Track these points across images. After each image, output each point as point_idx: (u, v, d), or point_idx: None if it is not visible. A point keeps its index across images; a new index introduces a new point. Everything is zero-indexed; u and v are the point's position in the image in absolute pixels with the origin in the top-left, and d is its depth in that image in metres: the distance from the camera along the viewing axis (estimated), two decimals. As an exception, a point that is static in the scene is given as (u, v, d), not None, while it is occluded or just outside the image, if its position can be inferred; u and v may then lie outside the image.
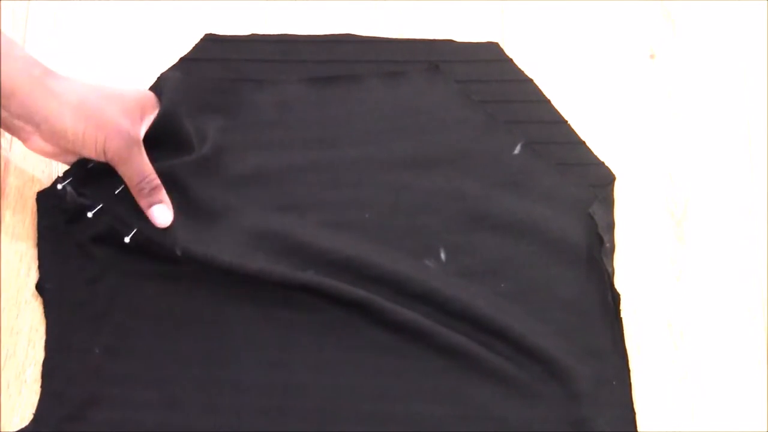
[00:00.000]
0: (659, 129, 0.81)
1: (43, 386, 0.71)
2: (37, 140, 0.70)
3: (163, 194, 0.72)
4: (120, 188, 0.72)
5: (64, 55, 0.81)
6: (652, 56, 0.83)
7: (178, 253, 0.72)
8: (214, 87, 0.80)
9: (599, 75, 0.82)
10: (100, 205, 0.73)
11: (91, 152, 0.70)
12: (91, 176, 0.73)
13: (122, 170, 0.71)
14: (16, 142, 0.77)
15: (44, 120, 0.68)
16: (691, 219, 0.78)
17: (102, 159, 0.71)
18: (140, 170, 0.71)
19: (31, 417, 0.71)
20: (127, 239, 0.72)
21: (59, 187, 0.73)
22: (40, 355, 0.73)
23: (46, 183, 0.76)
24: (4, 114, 0.69)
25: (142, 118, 0.72)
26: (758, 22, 0.84)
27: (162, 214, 0.72)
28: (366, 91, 0.80)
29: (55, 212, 0.74)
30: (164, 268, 0.73)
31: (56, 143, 0.70)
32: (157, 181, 0.72)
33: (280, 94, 0.80)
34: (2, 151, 0.78)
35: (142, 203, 0.72)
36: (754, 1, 0.84)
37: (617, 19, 0.84)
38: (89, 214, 0.73)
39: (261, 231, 0.74)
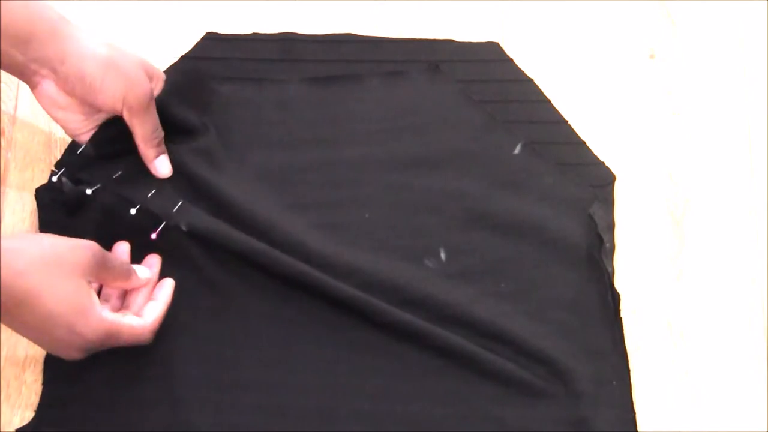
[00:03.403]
0: (659, 129, 0.81)
1: (43, 385, 0.72)
2: (50, 86, 0.70)
3: (164, 146, 0.74)
4: (118, 173, 0.73)
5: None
6: (652, 56, 0.83)
7: (184, 228, 0.73)
8: (214, 86, 0.80)
9: (599, 75, 0.82)
10: (99, 185, 0.73)
11: (107, 100, 0.70)
12: (86, 163, 0.73)
13: (138, 121, 0.72)
14: (16, 143, 0.77)
15: (61, 62, 0.68)
16: (691, 219, 0.78)
17: (117, 108, 0.71)
18: (154, 121, 0.73)
19: (31, 417, 0.71)
20: (133, 211, 0.72)
21: (54, 179, 0.73)
22: (40, 355, 0.73)
23: (46, 182, 0.76)
24: (20, 58, 0.68)
25: (151, 77, 0.73)
26: (758, 22, 0.84)
27: (165, 164, 0.74)
28: (366, 90, 0.80)
29: (55, 207, 0.74)
30: (164, 268, 0.73)
31: (71, 89, 0.70)
32: (163, 133, 0.74)
33: (280, 94, 0.80)
34: (2, 150, 0.78)
35: (150, 153, 0.73)
36: (754, 1, 0.84)
37: (617, 19, 0.84)
38: (88, 191, 0.73)
39: (259, 229, 0.74)
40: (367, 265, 0.73)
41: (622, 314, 0.74)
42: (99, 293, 0.70)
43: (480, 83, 0.80)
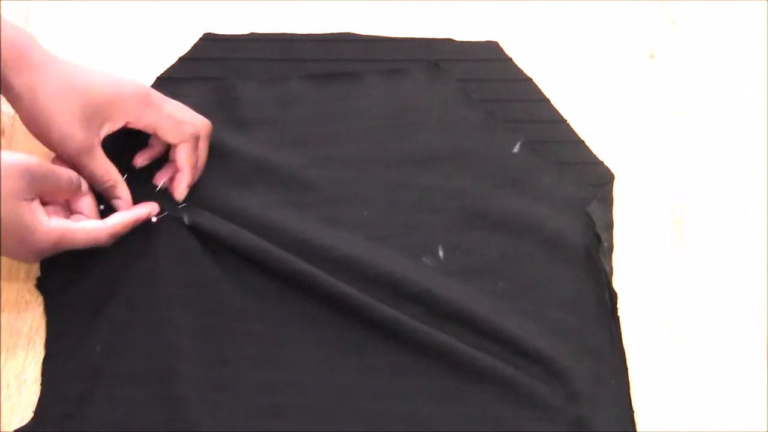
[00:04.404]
0: (659, 129, 0.81)
1: (43, 384, 0.72)
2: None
3: (119, 191, 0.73)
4: (124, 176, 0.74)
5: (64, 54, 0.81)
6: (652, 56, 0.83)
7: (186, 221, 0.73)
8: (213, 84, 0.80)
9: (599, 74, 0.82)
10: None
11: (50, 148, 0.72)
12: None
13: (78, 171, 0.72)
14: (16, 137, 0.77)
15: (19, 97, 0.70)
16: (691, 219, 0.78)
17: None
18: (91, 174, 0.72)
19: (31, 416, 0.71)
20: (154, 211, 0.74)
21: None
22: (40, 355, 0.73)
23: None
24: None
25: (103, 122, 0.71)
26: (758, 22, 0.84)
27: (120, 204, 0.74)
28: (366, 88, 0.80)
29: None
30: (163, 268, 0.73)
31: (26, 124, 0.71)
32: (113, 181, 0.73)
33: (280, 91, 0.80)
34: (3, 147, 0.78)
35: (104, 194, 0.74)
36: (754, 1, 0.84)
37: (617, 19, 0.84)
38: (101, 207, 0.74)
39: (259, 226, 0.74)
40: (365, 260, 0.73)
41: (622, 314, 0.74)
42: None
43: (479, 82, 0.80)
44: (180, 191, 0.74)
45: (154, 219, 0.74)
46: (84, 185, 0.72)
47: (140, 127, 0.73)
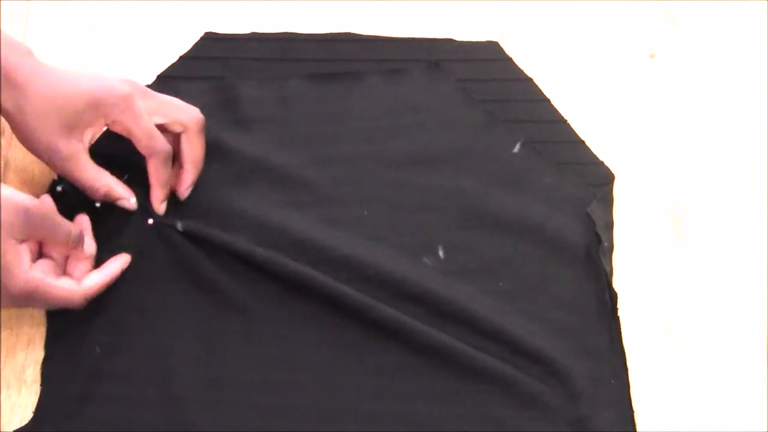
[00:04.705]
0: (659, 129, 0.81)
1: (42, 384, 0.72)
2: None
3: (117, 192, 0.73)
4: (125, 177, 0.74)
5: (64, 53, 0.81)
6: (652, 56, 0.83)
7: (180, 228, 0.73)
8: (214, 83, 0.80)
9: (599, 74, 0.82)
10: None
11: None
12: None
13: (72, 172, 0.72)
14: (16, 142, 0.77)
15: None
16: (691, 219, 0.78)
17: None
18: (80, 182, 0.72)
19: (30, 417, 0.71)
20: (133, 200, 0.73)
21: (59, 189, 0.74)
22: (40, 355, 0.73)
23: (47, 183, 0.76)
24: None
25: (85, 129, 0.71)
26: (758, 22, 0.84)
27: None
28: (366, 88, 0.80)
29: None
30: (161, 269, 0.73)
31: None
32: (105, 186, 0.72)
33: (280, 91, 0.80)
34: (2, 150, 0.78)
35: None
36: (754, 1, 0.84)
37: (617, 19, 0.84)
38: (97, 204, 0.73)
39: (259, 226, 0.74)
40: (365, 259, 0.73)
41: (622, 314, 0.74)
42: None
43: (479, 82, 0.80)
44: (157, 207, 0.74)
45: (150, 221, 0.73)
46: (89, 247, 0.72)
47: (117, 132, 0.72)
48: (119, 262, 0.73)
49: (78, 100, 0.70)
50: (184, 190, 0.75)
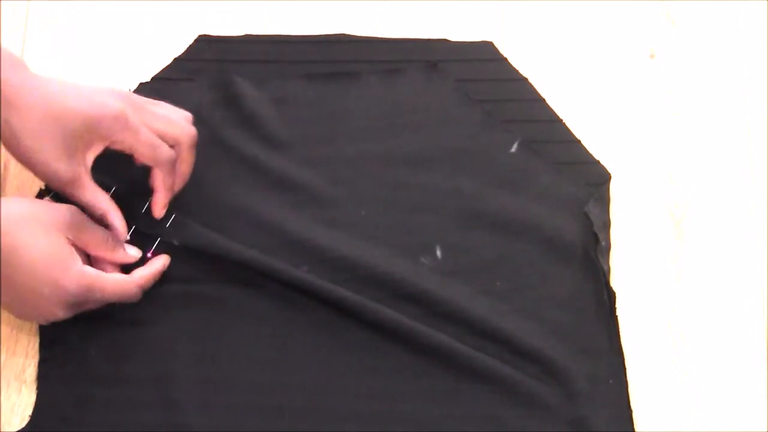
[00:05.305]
0: (659, 129, 0.81)
1: (38, 387, 0.72)
2: None
3: (111, 219, 0.72)
4: (113, 189, 0.73)
5: (63, 54, 0.81)
6: (652, 56, 0.83)
7: (176, 243, 0.73)
8: (211, 82, 0.80)
9: (599, 74, 0.82)
10: None
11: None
12: None
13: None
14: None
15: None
16: (690, 219, 0.78)
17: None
18: (79, 202, 0.70)
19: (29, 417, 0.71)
20: (127, 236, 0.73)
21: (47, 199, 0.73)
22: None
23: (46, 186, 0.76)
24: None
25: (86, 150, 0.70)
26: (758, 22, 0.84)
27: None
28: (364, 88, 0.80)
29: None
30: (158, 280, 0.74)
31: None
32: (102, 210, 0.71)
33: (277, 91, 0.80)
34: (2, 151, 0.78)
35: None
36: (754, 1, 0.84)
37: (617, 19, 0.84)
38: None
39: (257, 226, 0.74)
40: (363, 260, 0.73)
41: (622, 314, 0.74)
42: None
43: (474, 82, 0.80)
44: (158, 211, 0.73)
45: (149, 255, 0.73)
46: (131, 251, 0.72)
47: (118, 149, 0.71)
48: (161, 260, 0.73)
49: (76, 120, 0.68)
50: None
